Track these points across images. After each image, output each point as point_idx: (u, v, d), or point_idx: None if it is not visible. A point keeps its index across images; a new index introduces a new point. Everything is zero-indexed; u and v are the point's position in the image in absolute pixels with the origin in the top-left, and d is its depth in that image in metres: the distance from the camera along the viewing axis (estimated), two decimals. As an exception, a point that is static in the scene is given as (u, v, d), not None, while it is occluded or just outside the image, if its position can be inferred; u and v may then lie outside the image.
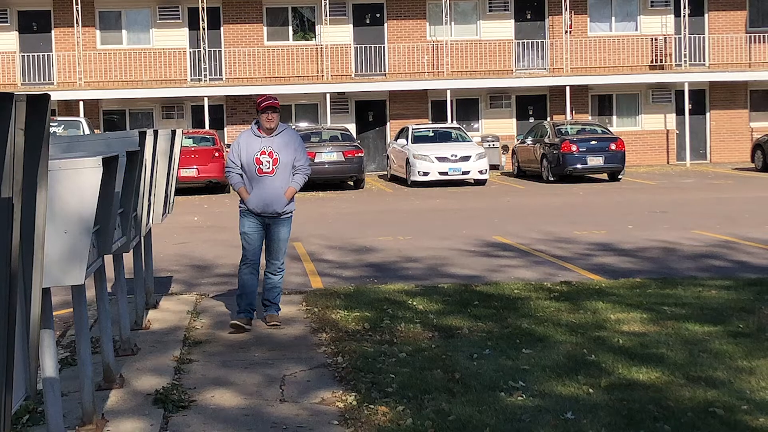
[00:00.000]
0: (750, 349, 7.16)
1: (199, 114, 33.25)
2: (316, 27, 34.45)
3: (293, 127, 30.85)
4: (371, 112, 34.89)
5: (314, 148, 26.31)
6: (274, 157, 8.36)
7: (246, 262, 8.60)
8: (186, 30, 34.00)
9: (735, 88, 35.46)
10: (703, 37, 35.45)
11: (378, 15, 34.73)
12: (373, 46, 34.44)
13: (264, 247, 8.65)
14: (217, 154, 25.78)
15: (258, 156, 8.36)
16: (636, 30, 35.46)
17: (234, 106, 33.89)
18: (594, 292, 9.66)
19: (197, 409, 6.06)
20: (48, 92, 3.48)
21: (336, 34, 34.23)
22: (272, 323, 8.60)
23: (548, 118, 34.17)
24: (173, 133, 9.64)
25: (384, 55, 34.59)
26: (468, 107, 35.06)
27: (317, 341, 7.88)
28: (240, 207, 8.60)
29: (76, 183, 4.85)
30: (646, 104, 35.50)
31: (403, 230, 16.05)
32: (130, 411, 6.04)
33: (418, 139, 27.97)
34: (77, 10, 32.55)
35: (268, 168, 8.36)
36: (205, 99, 32.46)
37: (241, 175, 8.48)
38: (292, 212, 8.60)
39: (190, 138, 26.76)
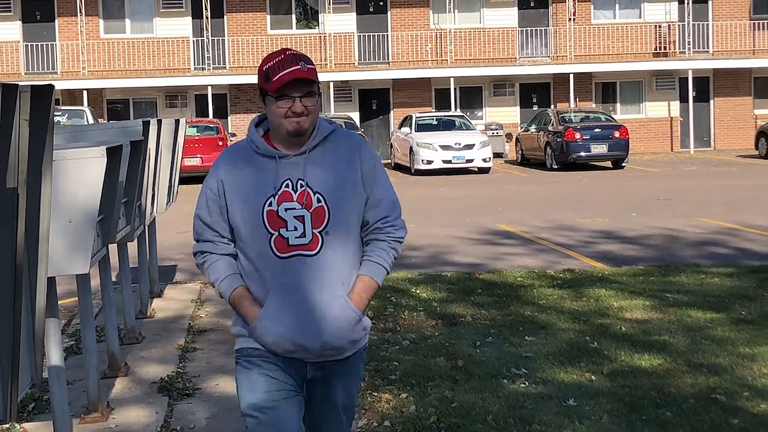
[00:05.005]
0: (752, 336, 7.18)
1: (203, 103, 33.26)
2: (320, 15, 34.41)
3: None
4: (375, 101, 34.87)
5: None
6: (316, 204, 3.25)
7: None
8: (189, 19, 33.98)
9: (739, 76, 35.39)
10: (707, 24, 35.37)
11: (381, 3, 34.68)
12: (376, 34, 34.40)
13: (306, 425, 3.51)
14: (220, 143, 25.88)
15: (274, 206, 3.24)
16: (640, 17, 35.39)
17: (237, 95, 33.88)
18: (597, 280, 9.68)
19: (202, 397, 6.09)
20: (52, 82, 3.51)
21: (339, 22, 34.20)
22: None
23: (552, 106, 34.14)
24: (177, 122, 9.66)
25: (387, 44, 34.55)
26: (471, 95, 35.03)
27: (321, 329, 7.89)
28: (237, 338, 3.40)
29: (80, 173, 4.87)
30: (650, 92, 35.45)
31: (407, 218, 15.97)
32: (135, 399, 6.08)
33: (422, 127, 27.97)
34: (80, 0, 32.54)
35: (302, 235, 3.25)
36: (209, 88, 32.47)
37: (235, 257, 3.38)
38: (366, 343, 3.48)
39: (193, 127, 26.79)
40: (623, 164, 27.69)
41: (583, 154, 26.83)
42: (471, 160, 26.48)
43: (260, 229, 3.23)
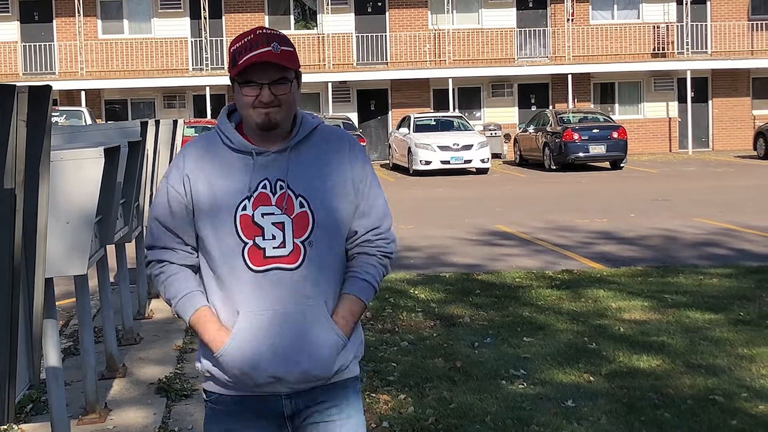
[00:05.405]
0: (750, 336, 7.18)
1: (201, 103, 33.25)
2: (318, 16, 34.42)
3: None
4: (373, 101, 34.88)
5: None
6: (298, 209, 2.76)
7: None
8: (187, 19, 33.97)
9: (737, 76, 35.42)
10: (706, 24, 35.39)
11: (380, 4, 34.69)
12: (375, 34, 34.41)
13: None
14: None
15: (249, 210, 2.74)
16: (638, 18, 35.41)
17: (236, 95, 33.88)
18: (595, 281, 9.68)
19: (200, 398, 6.08)
20: (49, 83, 3.50)
21: (338, 22, 34.20)
22: None
23: (550, 107, 34.15)
24: (175, 123, 9.67)
25: (386, 44, 34.56)
26: (470, 96, 35.04)
27: (319, 330, 7.88)
28: (203, 373, 2.86)
29: (78, 174, 4.87)
30: (649, 92, 35.48)
31: (405, 219, 16.06)
32: (133, 400, 6.07)
33: (420, 128, 27.98)
34: (78, 0, 32.52)
35: (281, 245, 2.75)
36: (207, 88, 32.47)
37: (196, 270, 2.86)
38: (359, 375, 2.95)
39: (191, 128, 26.80)
40: (621, 165, 27.71)
41: (581, 154, 26.85)
42: (469, 161, 26.48)
43: (231, 237, 2.73)
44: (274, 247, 2.73)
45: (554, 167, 27.26)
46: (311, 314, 2.75)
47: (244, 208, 2.72)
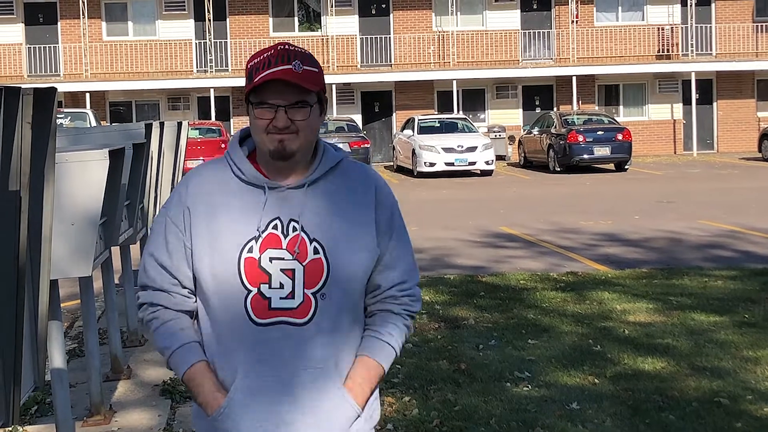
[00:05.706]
0: (755, 338, 7.17)
1: (205, 105, 33.28)
2: (322, 18, 34.44)
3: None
4: (377, 103, 34.88)
5: (320, 139, 26.30)
6: (312, 256, 2.42)
7: None
8: (192, 21, 34.01)
9: (742, 78, 35.37)
10: (710, 26, 35.36)
11: (384, 5, 34.70)
12: (379, 36, 34.41)
13: None
14: (223, 146, 25.92)
15: (255, 253, 2.40)
16: (642, 20, 35.38)
17: (240, 97, 33.91)
18: (600, 283, 9.67)
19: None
20: (54, 85, 3.51)
21: (342, 24, 34.22)
22: None
23: (555, 109, 34.13)
24: (179, 124, 9.67)
25: (390, 46, 34.56)
26: (474, 98, 35.03)
27: (323, 332, 7.88)
28: None
29: (83, 176, 4.87)
30: (653, 94, 35.44)
31: (410, 221, 15.98)
32: (137, 402, 6.07)
33: (425, 129, 27.98)
34: (83, 2, 32.60)
35: (289, 296, 2.41)
36: (211, 90, 32.50)
37: (192, 315, 2.53)
38: None
39: (196, 129, 26.82)
40: (626, 167, 27.68)
41: (585, 156, 26.83)
42: (473, 163, 26.48)
43: (233, 284, 2.38)
44: (281, 298, 2.38)
45: (558, 169, 27.24)
46: (321, 379, 2.40)
47: (250, 251, 2.38)
